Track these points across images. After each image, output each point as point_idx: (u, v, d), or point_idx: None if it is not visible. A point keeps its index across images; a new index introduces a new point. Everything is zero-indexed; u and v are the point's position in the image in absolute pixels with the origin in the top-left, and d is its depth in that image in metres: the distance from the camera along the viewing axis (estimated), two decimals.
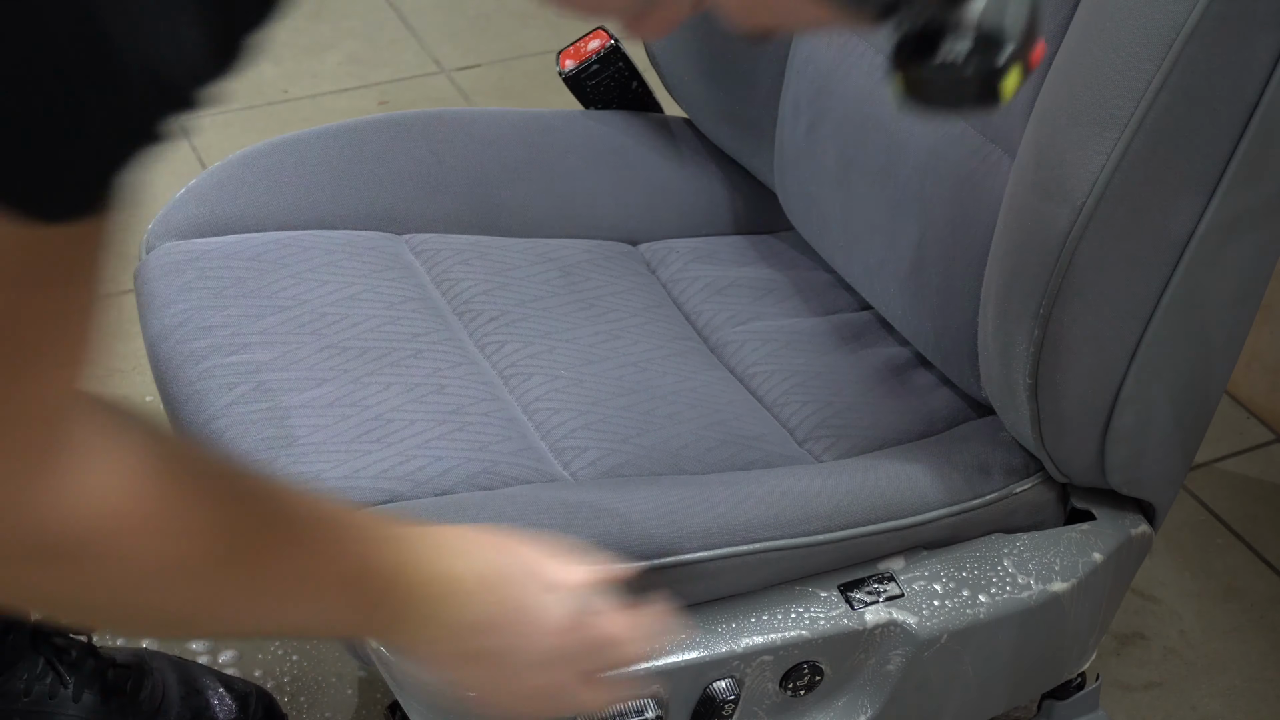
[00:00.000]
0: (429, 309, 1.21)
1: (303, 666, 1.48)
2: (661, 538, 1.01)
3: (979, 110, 0.76)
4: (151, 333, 1.16)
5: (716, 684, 1.05)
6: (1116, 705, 1.51)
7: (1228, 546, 1.71)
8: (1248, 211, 1.00)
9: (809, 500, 1.07)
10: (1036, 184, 0.99)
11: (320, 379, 1.10)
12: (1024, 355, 1.03)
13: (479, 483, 1.05)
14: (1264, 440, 1.86)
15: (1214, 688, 1.54)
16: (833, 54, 1.28)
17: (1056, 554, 1.15)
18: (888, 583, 1.10)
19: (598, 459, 1.11)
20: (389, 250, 1.26)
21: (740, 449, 1.15)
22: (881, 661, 1.10)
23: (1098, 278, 0.98)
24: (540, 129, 1.39)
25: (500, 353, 1.19)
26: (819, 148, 1.30)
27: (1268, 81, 0.94)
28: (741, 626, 1.05)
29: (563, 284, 1.28)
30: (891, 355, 1.29)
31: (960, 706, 1.18)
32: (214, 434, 1.05)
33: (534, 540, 0.83)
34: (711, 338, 1.30)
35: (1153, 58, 0.92)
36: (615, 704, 0.97)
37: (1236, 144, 0.96)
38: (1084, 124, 0.95)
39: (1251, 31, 0.92)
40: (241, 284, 1.17)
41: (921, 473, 1.12)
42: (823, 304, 1.35)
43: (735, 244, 1.40)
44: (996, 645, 1.15)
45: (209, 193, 1.25)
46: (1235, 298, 1.07)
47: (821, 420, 1.21)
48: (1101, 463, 1.11)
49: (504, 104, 2.32)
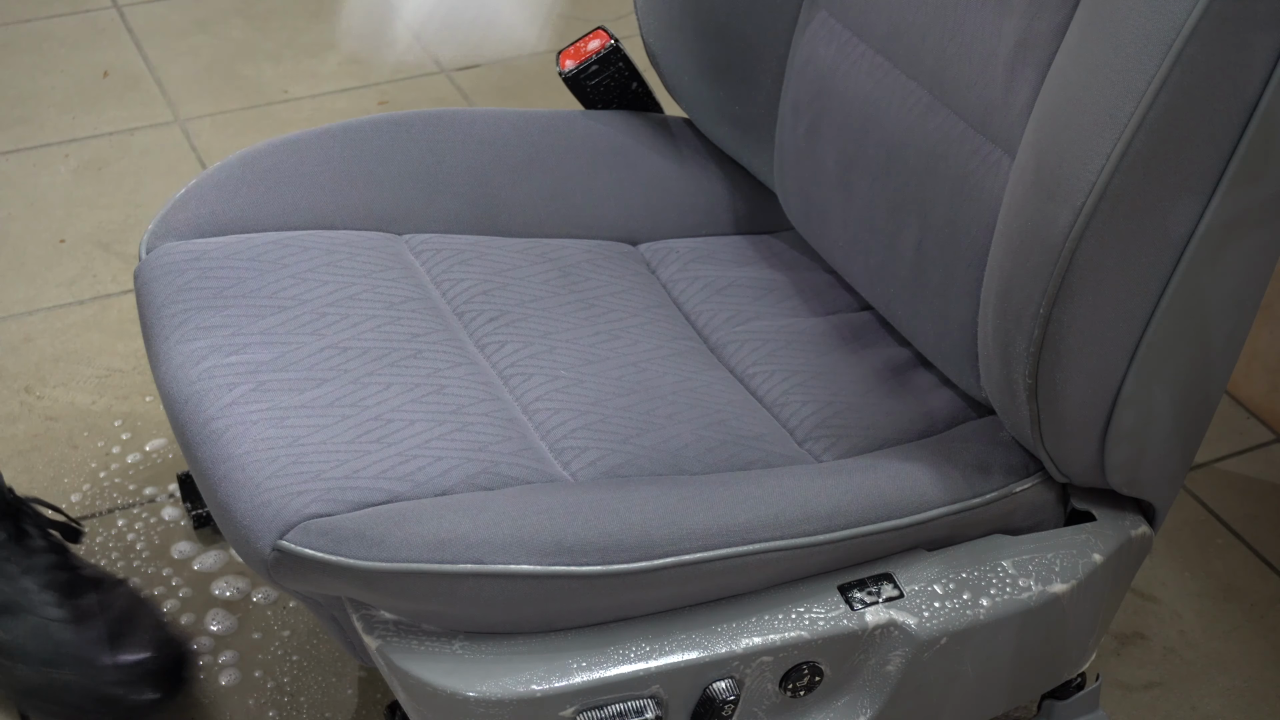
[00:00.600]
0: (429, 309, 1.21)
1: (303, 666, 1.48)
2: (661, 538, 1.01)
3: None
4: (152, 333, 1.16)
5: (716, 684, 1.05)
6: (1116, 705, 1.51)
7: (1228, 546, 1.71)
8: (1248, 211, 1.00)
9: (809, 500, 1.07)
10: (1036, 184, 0.99)
11: (320, 379, 1.10)
12: (1024, 355, 1.03)
13: (479, 483, 1.05)
14: (1264, 440, 1.86)
15: (1214, 688, 1.54)
16: (833, 54, 1.28)
17: (1056, 555, 1.15)
18: (887, 583, 1.10)
19: (598, 459, 1.11)
20: (389, 250, 1.26)
21: (740, 449, 1.15)
22: (881, 662, 1.10)
23: (1098, 278, 0.98)
24: (540, 129, 1.39)
25: (500, 353, 1.19)
26: (819, 148, 1.30)
27: (1268, 81, 0.94)
28: (741, 627, 1.05)
29: (563, 284, 1.28)
30: (891, 355, 1.29)
31: (960, 707, 1.18)
32: (214, 434, 1.06)
33: None
34: (711, 338, 1.30)
35: (1153, 58, 0.92)
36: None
37: (1236, 144, 0.96)
38: (1084, 124, 0.95)
39: (1251, 31, 0.92)
40: (241, 284, 1.17)
41: (921, 472, 1.12)
42: (823, 304, 1.35)
43: (735, 244, 1.40)
44: (996, 646, 1.15)
45: (209, 193, 1.26)
46: (1235, 298, 1.07)
47: (821, 420, 1.21)
48: (1101, 463, 1.12)
49: (504, 104, 2.32)
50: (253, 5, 2.57)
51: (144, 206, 2.03)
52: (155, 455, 1.71)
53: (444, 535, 0.98)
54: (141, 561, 1.58)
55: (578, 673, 1.01)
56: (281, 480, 1.01)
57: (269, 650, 1.49)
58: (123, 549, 1.60)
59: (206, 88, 2.35)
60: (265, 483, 1.01)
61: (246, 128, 2.25)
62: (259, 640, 1.50)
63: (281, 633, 1.51)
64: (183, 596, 1.54)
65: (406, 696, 1.02)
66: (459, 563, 0.97)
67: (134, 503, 1.65)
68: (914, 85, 1.19)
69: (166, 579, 1.56)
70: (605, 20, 1.45)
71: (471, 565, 0.97)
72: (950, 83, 1.15)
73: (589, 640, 1.02)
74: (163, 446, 1.72)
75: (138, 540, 1.61)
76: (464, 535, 0.98)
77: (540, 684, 0.99)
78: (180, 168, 2.10)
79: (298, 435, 1.05)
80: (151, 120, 2.26)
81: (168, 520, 1.63)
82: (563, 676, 1.00)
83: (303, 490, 1.00)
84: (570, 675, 1.00)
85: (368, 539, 0.97)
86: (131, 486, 1.67)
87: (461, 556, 0.97)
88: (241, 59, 2.43)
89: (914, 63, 1.19)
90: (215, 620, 1.52)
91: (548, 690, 1.00)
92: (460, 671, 1.00)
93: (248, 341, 1.12)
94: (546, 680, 1.00)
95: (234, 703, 1.45)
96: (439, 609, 1.00)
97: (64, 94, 1.61)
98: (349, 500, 1.01)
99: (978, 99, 1.12)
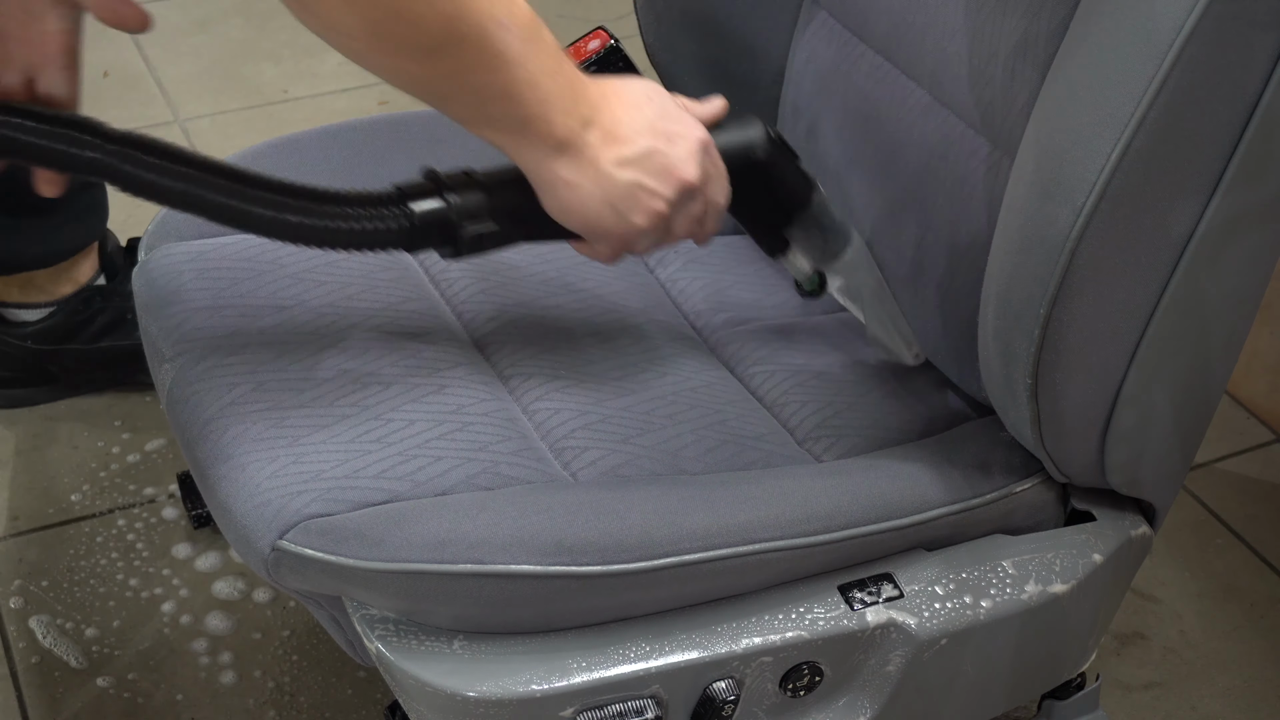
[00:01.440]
0: (428, 309, 1.21)
1: (302, 666, 1.48)
2: (661, 538, 1.01)
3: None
4: (151, 333, 1.16)
5: (716, 684, 1.05)
6: (1116, 705, 1.51)
7: (1228, 546, 1.71)
8: (1248, 212, 1.00)
9: (809, 500, 1.07)
10: (1036, 184, 0.99)
11: (320, 379, 1.10)
12: (1024, 355, 1.03)
13: (479, 483, 1.05)
14: (1264, 440, 1.86)
15: (1214, 688, 1.54)
16: (833, 54, 1.28)
17: (1056, 555, 1.15)
18: (887, 583, 1.10)
19: (598, 459, 1.11)
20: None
21: (740, 449, 1.15)
22: (881, 662, 1.10)
23: (1098, 278, 0.98)
24: None
25: (500, 352, 1.19)
26: (819, 148, 1.30)
27: (1268, 81, 0.94)
28: (741, 627, 1.05)
29: (562, 284, 1.28)
30: None
31: (960, 707, 1.18)
32: (213, 434, 1.06)
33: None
34: (711, 337, 1.30)
35: (1153, 57, 0.92)
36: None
37: (1236, 144, 0.96)
38: (1084, 124, 0.95)
39: (1251, 31, 0.92)
40: (241, 284, 1.17)
41: (921, 472, 1.12)
42: (822, 304, 1.34)
43: (735, 244, 1.40)
44: (996, 646, 1.15)
45: None
46: (1235, 298, 1.07)
47: (821, 420, 1.21)
48: (1101, 463, 1.12)
49: None
50: (253, 5, 2.57)
51: (144, 207, 2.03)
52: (155, 455, 1.71)
53: (444, 535, 0.98)
54: (141, 561, 1.58)
55: (577, 673, 1.00)
56: (281, 480, 1.01)
57: (269, 650, 1.49)
58: (123, 549, 1.60)
59: (206, 88, 2.35)
60: (265, 482, 1.01)
61: (246, 128, 2.25)
62: (259, 640, 1.50)
63: (281, 633, 1.51)
64: (183, 596, 1.54)
65: (406, 696, 1.02)
66: (459, 563, 0.97)
67: (134, 503, 1.65)
68: (914, 85, 1.19)
69: (166, 579, 1.57)
70: (605, 20, 1.45)
71: (471, 565, 0.97)
72: (950, 83, 1.15)
73: (589, 640, 1.02)
74: (163, 446, 1.72)
75: (138, 540, 1.61)
76: (464, 535, 0.98)
77: (540, 684, 0.99)
78: None
79: (297, 435, 1.05)
80: (151, 120, 2.26)
81: (168, 520, 1.63)
82: (562, 676, 1.00)
83: (302, 490, 1.00)
84: (570, 675, 1.00)
85: (368, 539, 0.97)
86: (131, 486, 1.67)
87: (461, 556, 0.97)
88: (241, 59, 2.43)
89: (914, 63, 1.19)
90: (215, 620, 1.52)
91: (547, 690, 0.99)
92: (460, 671, 0.99)
93: (247, 342, 1.12)
94: (546, 680, 1.00)
95: (234, 703, 1.45)
96: (439, 609, 1.00)
97: None
98: (349, 500, 1.01)
99: (978, 99, 1.12)
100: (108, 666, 1.48)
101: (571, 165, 0.98)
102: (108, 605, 1.53)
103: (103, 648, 1.49)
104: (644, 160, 1.00)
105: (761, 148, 1.10)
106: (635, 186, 1.00)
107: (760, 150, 1.10)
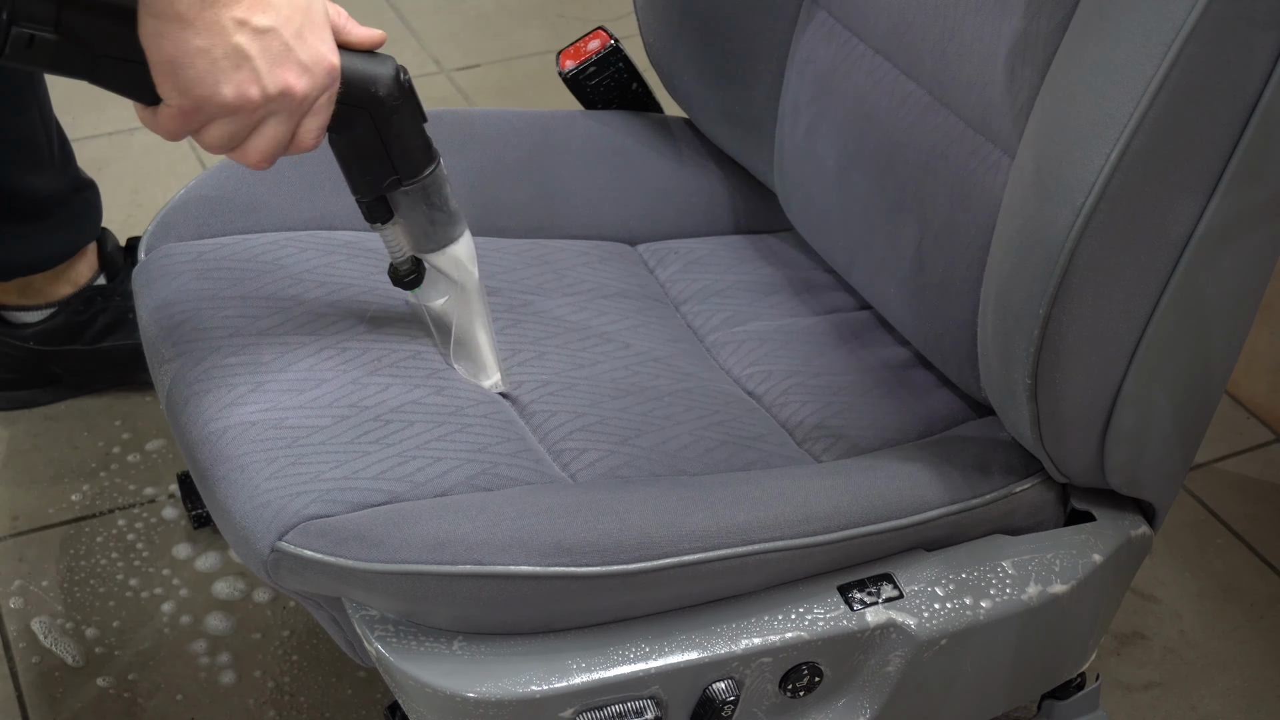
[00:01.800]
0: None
1: (302, 666, 1.48)
2: (661, 538, 1.01)
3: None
4: (151, 334, 1.16)
5: (716, 685, 1.05)
6: (1116, 705, 1.51)
7: (1228, 546, 1.71)
8: (1247, 212, 1.00)
9: (809, 500, 1.07)
10: (1036, 184, 0.99)
11: (319, 379, 1.10)
12: (1024, 355, 1.03)
13: (478, 484, 1.05)
14: (1264, 440, 1.86)
15: (1214, 688, 1.54)
16: (832, 54, 1.28)
17: (1056, 555, 1.15)
18: (887, 584, 1.10)
19: (597, 460, 1.11)
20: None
21: (739, 449, 1.15)
22: (881, 663, 1.10)
23: (1098, 278, 0.98)
24: (540, 129, 1.39)
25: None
26: (819, 148, 1.30)
27: (1267, 81, 0.94)
28: (741, 627, 1.05)
29: (561, 285, 1.28)
30: (891, 355, 1.29)
31: (960, 707, 1.18)
32: (213, 434, 1.05)
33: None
34: (710, 338, 1.30)
35: (1153, 57, 0.92)
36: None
37: (1236, 144, 0.96)
38: (1083, 124, 0.95)
39: (1251, 31, 0.92)
40: (241, 284, 1.17)
41: (921, 472, 1.12)
42: (822, 304, 1.35)
43: (734, 244, 1.40)
44: (996, 646, 1.15)
45: (208, 194, 1.25)
46: (1235, 298, 1.07)
47: (821, 420, 1.21)
48: (1101, 463, 1.11)
49: (504, 104, 2.32)
50: None
51: (144, 207, 2.03)
52: (155, 455, 1.71)
53: (443, 536, 0.98)
54: (141, 561, 1.58)
55: (577, 673, 1.00)
56: (280, 481, 1.01)
57: (269, 650, 1.49)
58: (123, 549, 1.60)
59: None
60: (264, 484, 1.01)
61: None
62: (259, 640, 1.50)
63: (281, 633, 1.51)
64: (183, 596, 1.54)
65: (406, 697, 1.02)
66: (458, 564, 0.97)
67: (134, 503, 1.65)
68: (913, 85, 1.19)
69: (166, 579, 1.56)
70: (605, 20, 1.45)
71: (471, 566, 0.97)
72: (950, 82, 1.15)
73: (589, 641, 1.02)
74: (163, 446, 1.72)
75: (138, 540, 1.61)
76: (463, 536, 0.98)
77: (540, 685, 0.99)
78: (180, 168, 2.10)
79: (297, 436, 1.05)
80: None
81: (168, 520, 1.63)
82: (562, 677, 1.00)
83: (302, 491, 1.00)
84: (570, 676, 1.00)
85: (367, 540, 0.97)
86: (131, 486, 1.67)
87: (461, 557, 0.97)
88: None
89: (914, 63, 1.19)
90: (215, 620, 1.52)
91: (547, 691, 0.99)
92: (460, 672, 0.99)
93: (247, 342, 1.12)
94: (546, 681, 1.00)
95: (234, 703, 1.45)
96: (438, 610, 1.00)
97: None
98: (348, 501, 1.01)
99: (977, 99, 1.12)
100: (108, 666, 1.48)
101: (195, 3, 0.89)
102: (108, 605, 1.53)
103: (103, 648, 1.49)
104: (265, 36, 0.92)
105: (385, 86, 1.02)
106: (241, 55, 0.91)
107: (382, 88, 1.02)
